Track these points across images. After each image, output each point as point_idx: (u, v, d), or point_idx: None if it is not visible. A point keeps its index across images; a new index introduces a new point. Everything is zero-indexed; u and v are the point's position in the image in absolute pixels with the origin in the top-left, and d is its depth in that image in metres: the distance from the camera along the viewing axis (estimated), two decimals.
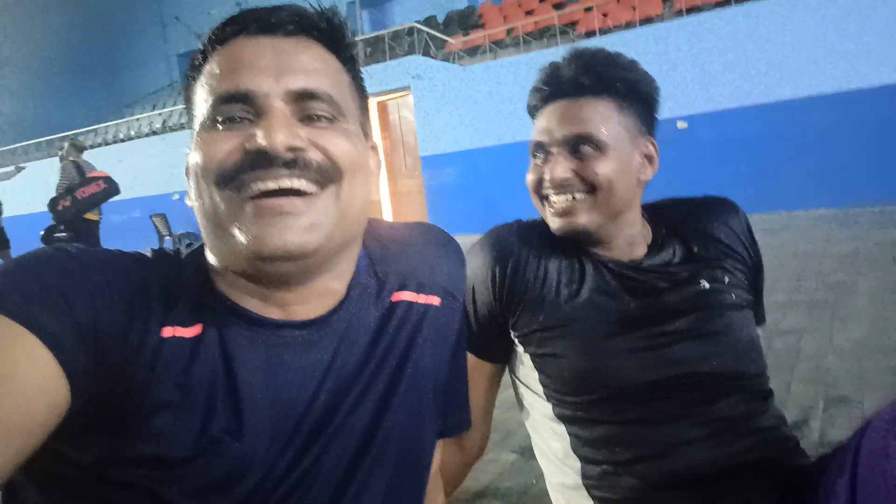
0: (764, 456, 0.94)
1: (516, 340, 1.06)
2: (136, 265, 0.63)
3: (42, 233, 7.46)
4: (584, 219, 1.00)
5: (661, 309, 1.00)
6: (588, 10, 10.92)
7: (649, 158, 1.04)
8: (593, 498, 0.98)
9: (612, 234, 1.03)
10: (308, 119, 0.63)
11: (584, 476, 0.99)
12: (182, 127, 14.59)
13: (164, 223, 13.22)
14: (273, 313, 0.65)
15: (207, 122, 0.62)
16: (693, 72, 8.20)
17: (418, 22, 13.04)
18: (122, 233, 12.49)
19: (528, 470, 1.80)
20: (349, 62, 0.69)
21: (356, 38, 0.71)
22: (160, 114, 16.13)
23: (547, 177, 1.00)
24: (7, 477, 0.50)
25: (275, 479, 0.63)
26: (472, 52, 11.84)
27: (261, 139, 0.59)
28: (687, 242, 1.08)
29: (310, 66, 0.63)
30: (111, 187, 7.64)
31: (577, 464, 1.00)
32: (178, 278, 0.65)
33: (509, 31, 11.88)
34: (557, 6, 12.30)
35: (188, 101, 0.67)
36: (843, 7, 7.65)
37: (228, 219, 0.60)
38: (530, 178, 1.05)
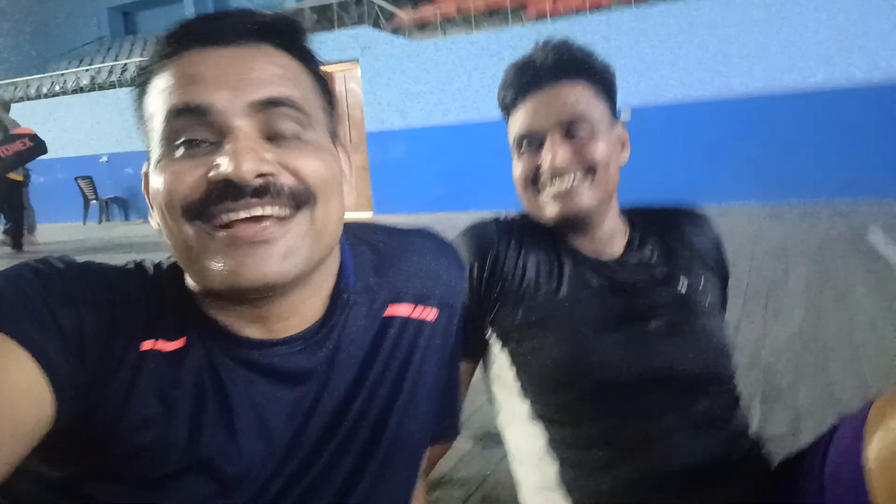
0: (738, 459, 0.97)
1: (494, 336, 1.05)
2: (119, 278, 0.61)
3: None
4: (585, 200, 1.00)
5: (641, 306, 1.02)
6: None
7: (623, 144, 1.06)
8: (572, 499, 0.99)
9: (602, 219, 1.04)
10: (275, 136, 0.58)
11: (562, 477, 1.00)
12: (112, 85, 13.81)
13: (90, 186, 12.59)
14: (254, 332, 0.63)
15: (164, 142, 0.57)
16: (639, 61, 8.35)
17: None
18: (45, 195, 11.82)
19: (485, 457, 1.82)
20: (309, 62, 0.65)
21: (306, 26, 0.66)
22: (87, 70, 15.22)
23: (546, 164, 0.99)
24: None
25: (266, 500, 0.61)
26: (422, 27, 11.67)
27: (226, 168, 0.54)
28: (665, 245, 1.10)
29: (269, 73, 0.59)
30: (37, 146, 7.19)
31: (554, 464, 1.01)
32: (161, 291, 0.62)
33: (459, 9, 11.77)
34: None
35: (140, 120, 0.62)
36: (788, 3, 7.92)
37: (200, 251, 0.56)
38: (520, 170, 1.04)
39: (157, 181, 0.58)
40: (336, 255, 0.69)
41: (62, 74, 15.34)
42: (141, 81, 0.61)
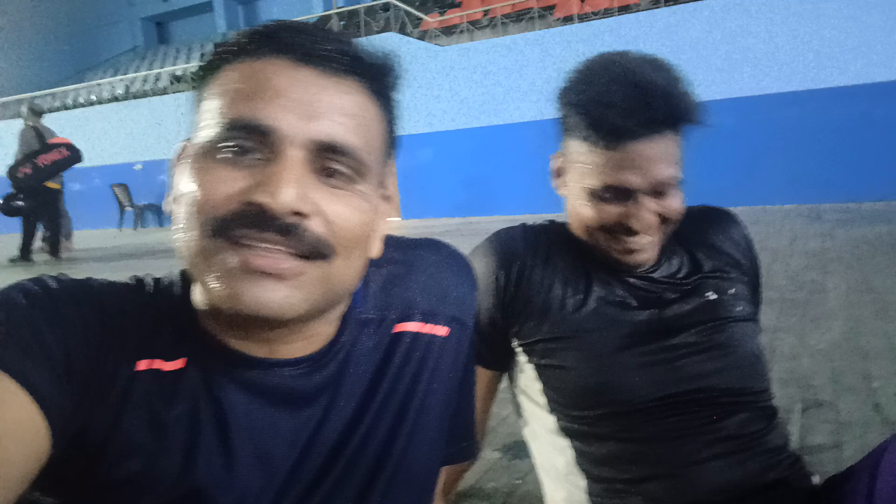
0: (776, 478, 0.92)
1: (519, 350, 1.02)
2: (114, 295, 0.59)
3: (0, 201, 7.18)
4: (651, 254, 0.97)
5: (670, 321, 0.98)
6: None
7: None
8: None
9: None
10: (325, 171, 0.55)
11: (590, 493, 0.96)
12: (146, 94, 14.13)
13: (125, 193, 12.88)
14: (258, 351, 0.60)
15: (213, 142, 0.54)
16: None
17: None
18: (81, 202, 12.11)
19: (512, 469, 1.78)
20: (390, 109, 0.62)
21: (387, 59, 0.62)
22: (122, 79, 15.58)
23: (633, 225, 0.92)
24: None
25: None
26: (449, 31, 11.70)
27: (265, 193, 0.52)
28: (692, 253, 1.05)
29: (344, 115, 0.56)
30: (73, 154, 7.40)
31: (582, 480, 0.97)
32: (159, 308, 0.60)
33: (486, 12, 11.77)
34: None
35: (197, 95, 0.59)
36: (818, 4, 7.75)
37: (210, 265, 0.54)
38: (595, 219, 0.95)
39: (191, 179, 0.55)
40: (352, 292, 0.66)
41: (98, 84, 15.74)
42: (211, 62, 0.58)
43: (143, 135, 12.39)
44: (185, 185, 0.55)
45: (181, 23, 19.37)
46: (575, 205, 0.98)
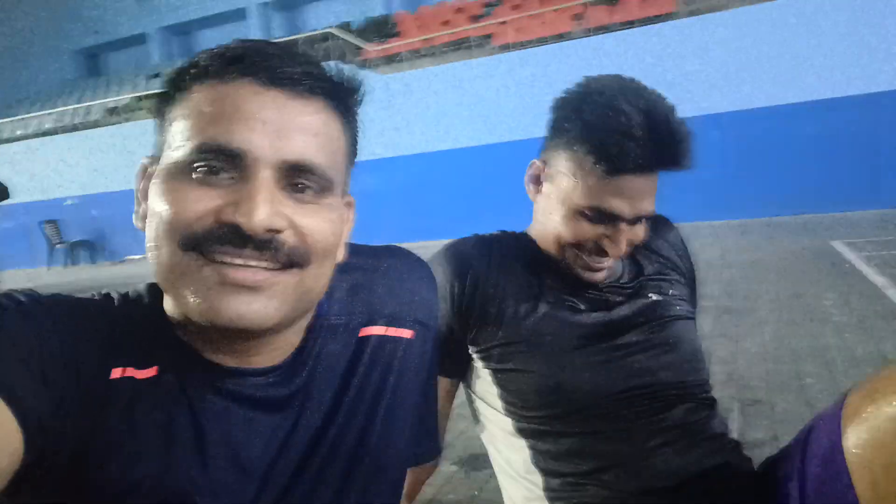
0: (719, 462, 0.98)
1: (475, 356, 1.06)
2: (83, 308, 0.60)
3: None
4: (609, 273, 1.03)
5: (617, 322, 1.03)
6: (503, 23, 11.19)
7: None
8: None
9: None
10: (294, 187, 0.58)
11: (547, 489, 1.00)
12: (76, 128, 13.65)
13: (54, 231, 12.34)
14: (230, 361, 0.62)
15: (184, 163, 0.56)
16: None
17: (332, 28, 12.89)
18: (9, 241, 11.55)
19: (471, 480, 1.80)
20: (351, 123, 0.65)
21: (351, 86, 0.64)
22: (51, 113, 15.03)
23: (608, 248, 0.97)
24: None
25: None
26: (389, 60, 11.83)
27: (239, 213, 0.54)
28: (633, 257, 1.12)
29: (312, 134, 0.58)
30: (0, 190, 7.05)
31: (539, 477, 1.01)
32: (131, 319, 0.61)
33: (426, 41, 11.97)
34: (474, 18, 12.51)
35: (161, 117, 0.60)
36: (750, 25, 8.22)
37: (187, 281, 0.55)
38: (572, 235, 0.99)
39: (162, 197, 0.56)
40: (319, 298, 0.69)
41: (22, 119, 15.13)
42: (177, 82, 0.59)
43: (75, 169, 11.96)
44: (157, 203, 0.57)
45: (114, 55, 18.90)
46: (550, 217, 1.02)
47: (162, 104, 0.61)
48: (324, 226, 0.59)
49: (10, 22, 17.91)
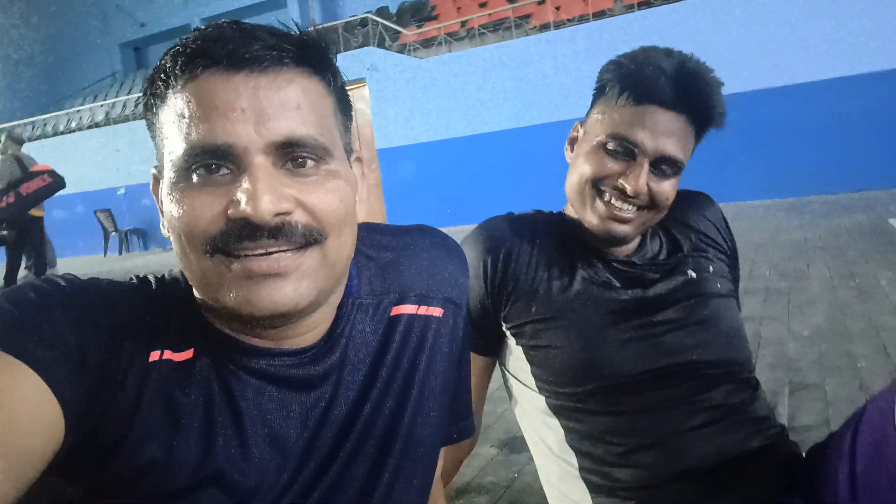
0: (761, 444, 0.95)
1: (508, 333, 1.05)
2: (121, 292, 0.61)
3: None
4: (631, 229, 0.99)
5: (653, 299, 1.01)
6: (541, 2, 10.99)
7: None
8: (591, 490, 0.97)
9: (632, 240, 1.04)
10: (291, 163, 0.57)
11: (581, 468, 0.99)
12: (125, 119, 14.06)
13: (109, 219, 12.77)
14: (264, 343, 0.63)
15: (182, 170, 0.56)
16: None
17: (370, 13, 12.89)
18: (65, 229, 12.02)
19: (509, 463, 1.80)
20: (333, 79, 0.63)
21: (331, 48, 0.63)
22: (102, 105, 15.52)
23: (626, 184, 0.95)
24: None
25: None
26: (427, 43, 11.78)
27: (245, 206, 0.54)
28: (671, 234, 1.10)
29: (291, 107, 0.57)
30: (56, 182, 7.33)
31: (573, 456, 1.00)
32: (168, 302, 0.62)
33: (463, 24, 11.87)
34: None
35: (151, 127, 0.61)
36: (787, 2, 7.91)
37: (217, 282, 0.57)
38: (592, 170, 0.98)
39: (173, 207, 0.57)
40: (346, 274, 0.68)
41: (77, 111, 15.66)
42: (153, 93, 0.59)
43: (125, 160, 12.33)
44: (171, 214, 0.58)
45: (159, 47, 19.34)
46: (577, 163, 1.02)
47: (148, 116, 0.61)
48: (331, 197, 0.59)
49: (61, 18, 18.52)
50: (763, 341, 2.66)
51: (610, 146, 0.97)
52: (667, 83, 0.93)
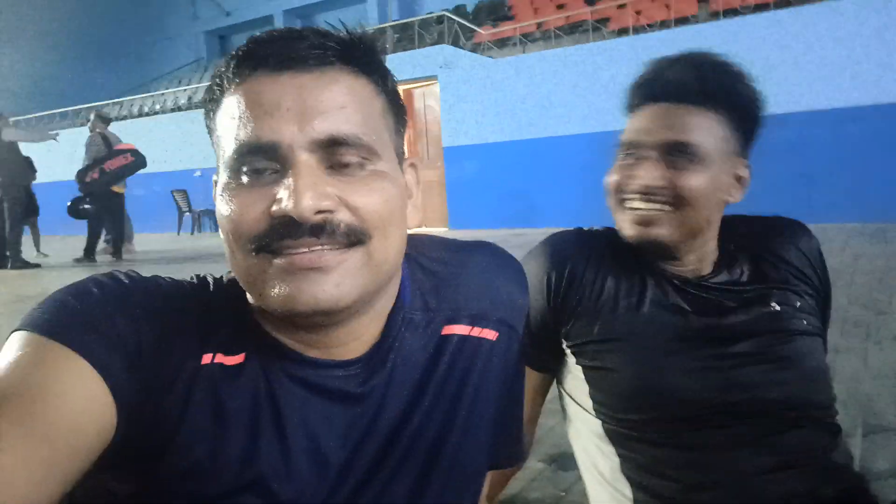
0: (836, 495, 0.88)
1: (568, 351, 1.02)
2: (180, 292, 0.62)
3: (69, 203, 7.52)
4: (665, 232, 0.94)
5: (727, 329, 0.95)
6: (621, 6, 10.78)
7: (739, 180, 0.99)
8: None
9: (684, 251, 0.98)
10: (338, 166, 0.57)
11: (636, 501, 0.94)
12: (205, 104, 14.62)
13: (184, 199, 13.32)
14: (313, 352, 0.62)
15: (232, 170, 0.58)
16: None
17: (447, 11, 12.95)
18: (143, 207, 12.59)
19: (557, 480, 1.76)
20: (383, 82, 0.63)
21: (386, 47, 0.64)
22: (185, 90, 16.19)
23: (636, 181, 0.94)
24: None
25: None
26: (501, 43, 11.75)
27: (287, 204, 0.54)
28: (757, 261, 1.03)
29: (336, 105, 0.57)
30: (138, 160, 7.70)
31: (627, 487, 0.96)
32: (223, 305, 0.63)
33: (539, 25, 11.77)
34: (590, 1, 12.15)
35: (211, 134, 0.63)
36: (881, 16, 7.47)
37: (260, 278, 0.57)
38: (613, 178, 0.99)
39: (224, 207, 0.58)
40: (396, 281, 0.67)
41: (162, 94, 16.39)
42: (210, 98, 0.61)
43: (203, 143, 12.78)
44: (221, 214, 0.59)
45: (242, 36, 20.02)
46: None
47: (208, 123, 0.63)
48: (376, 198, 0.58)
49: (153, 4, 19.41)
50: (837, 376, 2.50)
51: (621, 156, 0.98)
52: (658, 79, 0.96)
